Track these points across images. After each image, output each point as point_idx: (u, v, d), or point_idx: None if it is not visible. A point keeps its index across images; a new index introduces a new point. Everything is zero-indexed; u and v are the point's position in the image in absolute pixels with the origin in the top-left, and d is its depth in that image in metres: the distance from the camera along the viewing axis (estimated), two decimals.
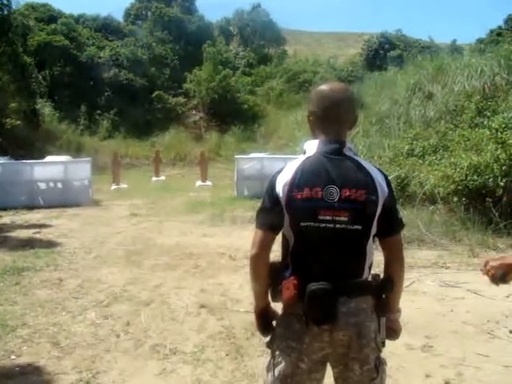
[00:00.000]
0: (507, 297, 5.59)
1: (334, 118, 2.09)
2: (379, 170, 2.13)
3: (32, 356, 4.23)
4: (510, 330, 4.65)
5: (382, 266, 2.16)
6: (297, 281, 1.98)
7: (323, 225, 1.97)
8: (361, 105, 17.88)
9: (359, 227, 2.00)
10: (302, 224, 1.99)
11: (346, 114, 2.13)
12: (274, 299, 2.13)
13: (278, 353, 2.09)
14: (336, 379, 2.14)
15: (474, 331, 4.70)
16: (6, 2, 22.03)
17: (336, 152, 2.04)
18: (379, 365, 2.09)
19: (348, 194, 1.98)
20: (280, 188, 2.02)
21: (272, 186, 2.06)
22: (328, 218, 1.97)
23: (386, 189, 2.06)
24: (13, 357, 4.21)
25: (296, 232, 2.03)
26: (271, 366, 2.12)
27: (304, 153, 2.12)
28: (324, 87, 2.17)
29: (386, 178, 2.11)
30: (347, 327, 1.99)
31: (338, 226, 1.97)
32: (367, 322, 2.04)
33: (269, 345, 2.18)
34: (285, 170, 2.07)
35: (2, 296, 5.80)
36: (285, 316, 2.11)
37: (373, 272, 2.13)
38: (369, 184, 2.01)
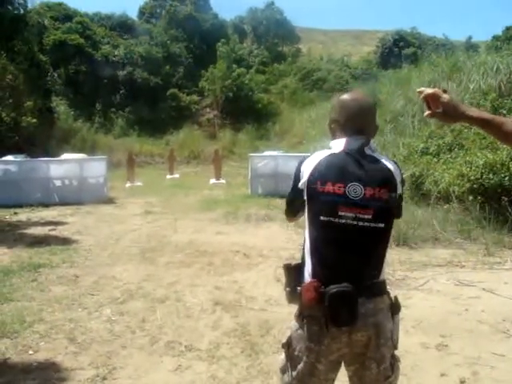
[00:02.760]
0: None
1: (355, 126, 2.12)
2: (395, 162, 2.15)
3: (49, 351, 4.27)
4: None
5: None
6: (317, 283, 1.99)
7: (343, 221, 1.99)
8: (375, 103, 17.81)
9: (382, 225, 2.02)
10: (321, 218, 2.01)
11: (366, 123, 2.16)
12: (291, 301, 2.14)
13: (296, 354, 2.09)
14: (351, 377, 2.16)
15: (489, 330, 4.67)
16: (21, 1, 22.24)
17: (360, 151, 2.06)
18: (394, 363, 2.11)
19: (372, 192, 2.00)
20: (304, 173, 2.08)
21: (298, 168, 2.13)
22: (350, 214, 1.99)
23: (401, 183, 2.11)
24: (30, 352, 4.26)
25: (316, 227, 2.05)
26: (288, 367, 2.13)
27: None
28: (346, 96, 2.22)
29: (400, 170, 2.14)
30: (366, 328, 2.01)
31: (360, 223, 1.99)
32: (385, 321, 2.06)
33: (284, 345, 2.18)
34: (312, 157, 2.11)
35: (20, 292, 5.86)
36: (303, 318, 2.10)
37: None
38: (391, 182, 2.05)
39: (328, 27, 73.53)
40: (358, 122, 2.12)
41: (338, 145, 2.11)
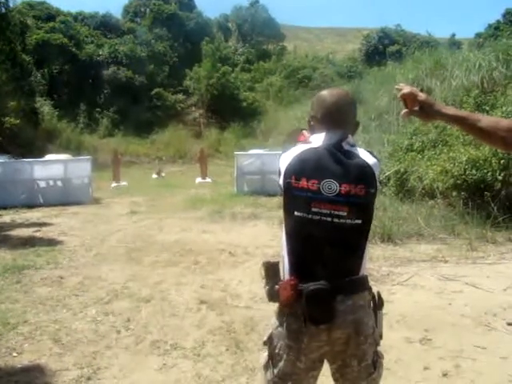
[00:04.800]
0: (505, 290, 5.63)
1: (333, 122, 2.09)
2: (372, 153, 2.12)
3: (33, 353, 4.25)
4: (507, 323, 4.67)
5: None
6: (294, 281, 1.97)
7: (317, 217, 1.96)
8: (360, 100, 17.88)
9: (359, 221, 1.99)
10: (296, 213, 1.99)
11: (344, 118, 2.12)
12: (271, 299, 2.10)
13: (276, 351, 2.08)
14: (333, 374, 2.15)
15: (471, 324, 4.73)
16: (3, 0, 22.02)
17: (337, 146, 2.03)
18: (377, 360, 2.10)
19: (348, 188, 1.97)
20: (281, 168, 2.06)
21: (278, 163, 2.11)
22: (325, 211, 1.96)
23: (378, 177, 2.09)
24: (14, 354, 4.24)
25: (291, 223, 2.03)
26: (270, 365, 2.11)
27: None
28: (324, 92, 2.19)
29: (378, 162, 2.11)
30: (345, 325, 1.99)
31: (335, 220, 1.96)
32: (365, 318, 2.04)
33: (266, 343, 2.17)
34: (290, 152, 2.08)
35: (3, 294, 5.82)
36: (282, 315, 2.09)
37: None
38: (368, 178, 2.02)
39: (313, 25, 73.78)
40: (335, 117, 2.09)
41: (317, 139, 2.08)
